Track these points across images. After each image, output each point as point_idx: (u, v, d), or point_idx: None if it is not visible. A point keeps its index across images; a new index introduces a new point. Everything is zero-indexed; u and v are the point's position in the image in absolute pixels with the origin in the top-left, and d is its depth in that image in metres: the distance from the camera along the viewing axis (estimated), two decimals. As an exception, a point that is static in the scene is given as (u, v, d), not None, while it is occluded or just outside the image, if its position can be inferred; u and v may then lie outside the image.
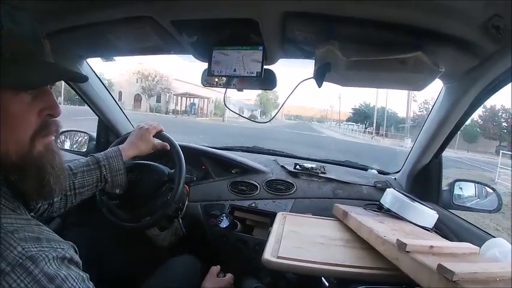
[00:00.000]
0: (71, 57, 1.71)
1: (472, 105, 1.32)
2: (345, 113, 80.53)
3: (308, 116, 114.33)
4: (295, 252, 1.07)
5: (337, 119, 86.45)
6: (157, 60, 34.48)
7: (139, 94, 43.73)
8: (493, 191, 1.67)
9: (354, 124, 64.67)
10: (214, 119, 45.45)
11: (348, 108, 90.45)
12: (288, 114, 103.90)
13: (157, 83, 43.58)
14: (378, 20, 1.02)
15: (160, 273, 1.39)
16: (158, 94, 44.29)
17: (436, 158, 1.64)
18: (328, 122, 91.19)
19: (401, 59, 1.06)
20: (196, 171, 1.97)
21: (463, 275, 0.74)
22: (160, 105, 44.52)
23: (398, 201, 1.41)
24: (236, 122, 39.82)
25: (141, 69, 42.43)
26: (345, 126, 67.29)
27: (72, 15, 1.25)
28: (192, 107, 43.31)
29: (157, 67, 45.18)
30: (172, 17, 1.18)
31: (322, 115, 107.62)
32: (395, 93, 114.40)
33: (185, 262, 1.51)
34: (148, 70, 42.55)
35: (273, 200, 1.81)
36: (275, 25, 1.14)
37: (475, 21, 0.93)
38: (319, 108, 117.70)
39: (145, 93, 43.48)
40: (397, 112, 62.75)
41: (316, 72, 1.20)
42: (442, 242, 1.17)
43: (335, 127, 74.33)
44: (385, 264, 1.00)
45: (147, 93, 43.35)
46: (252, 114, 58.72)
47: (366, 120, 61.59)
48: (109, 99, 2.04)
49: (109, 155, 1.32)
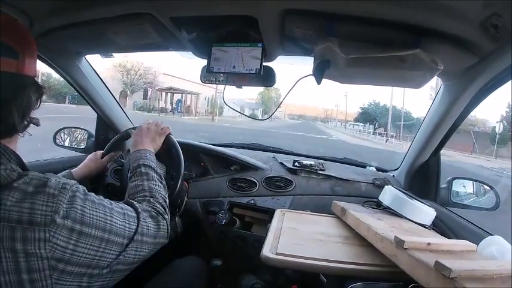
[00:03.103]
0: (70, 54, 1.70)
1: (471, 103, 1.33)
2: (351, 113, 76.14)
3: (311, 115, 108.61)
4: (293, 249, 1.08)
5: (342, 119, 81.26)
6: (146, 53, 33.44)
7: (125, 91, 38.19)
8: (491, 189, 1.68)
9: (359, 125, 58.23)
10: (204, 118, 39.43)
11: (354, 108, 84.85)
12: (291, 113, 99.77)
13: (140, 77, 38.05)
14: (377, 18, 1.02)
15: (165, 274, 1.38)
16: (144, 90, 38.90)
17: (435, 155, 1.65)
18: (333, 122, 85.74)
19: (400, 56, 1.06)
20: (195, 168, 1.97)
21: (460, 272, 0.74)
22: (147, 102, 38.82)
23: (397, 199, 1.42)
24: (229, 121, 35.34)
25: (123, 62, 36.27)
26: (351, 126, 61.78)
27: (71, 12, 1.25)
28: (178, 104, 37.08)
29: (144, 60, 39.02)
30: (171, 14, 1.18)
31: (327, 115, 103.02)
32: (412, 92, 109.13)
33: (190, 263, 1.51)
34: (132, 63, 36.64)
35: (272, 197, 1.82)
36: (274, 22, 1.14)
37: (473, 19, 0.93)
38: (323, 107, 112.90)
39: (127, 89, 38.10)
40: (410, 111, 55.21)
41: (316, 69, 1.20)
42: (439, 239, 1.17)
43: (340, 127, 68.48)
44: (383, 261, 1.01)
45: (129, 89, 38.02)
46: (253, 113, 56.56)
47: (375, 121, 54.64)
48: (108, 96, 2.04)
49: None
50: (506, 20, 0.89)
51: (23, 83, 0.76)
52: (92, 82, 1.89)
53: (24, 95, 0.76)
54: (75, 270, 0.70)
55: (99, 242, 0.74)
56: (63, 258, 0.67)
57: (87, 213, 0.73)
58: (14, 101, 0.74)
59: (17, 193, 0.65)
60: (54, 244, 0.66)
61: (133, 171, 1.13)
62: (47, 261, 0.65)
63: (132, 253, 0.82)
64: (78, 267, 0.70)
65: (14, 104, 0.74)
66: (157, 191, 1.06)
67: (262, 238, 1.24)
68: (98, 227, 0.74)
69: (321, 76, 1.21)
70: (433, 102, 1.51)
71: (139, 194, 1.03)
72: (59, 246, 0.66)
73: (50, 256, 0.65)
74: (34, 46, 0.82)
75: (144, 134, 1.33)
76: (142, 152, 1.21)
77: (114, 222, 0.78)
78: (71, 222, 0.69)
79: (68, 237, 0.68)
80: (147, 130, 1.36)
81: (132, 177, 1.11)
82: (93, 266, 0.73)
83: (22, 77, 0.76)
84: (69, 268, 0.69)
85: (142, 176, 1.09)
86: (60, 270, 0.67)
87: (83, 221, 0.71)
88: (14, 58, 0.73)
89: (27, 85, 0.78)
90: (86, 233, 0.71)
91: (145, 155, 1.20)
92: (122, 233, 0.80)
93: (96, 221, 0.74)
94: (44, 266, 0.65)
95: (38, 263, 0.64)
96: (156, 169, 1.17)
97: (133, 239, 0.82)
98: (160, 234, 0.92)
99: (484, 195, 1.70)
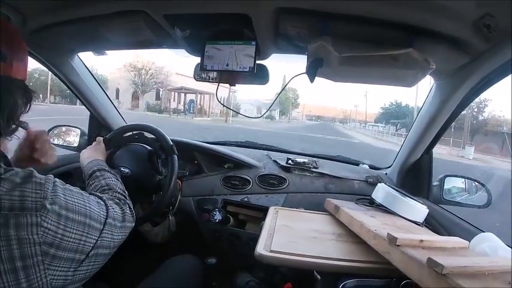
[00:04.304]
0: (62, 52, 1.69)
1: (463, 102, 1.34)
2: (370, 114, 75.57)
3: (330, 116, 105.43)
4: (287, 246, 1.08)
5: (361, 119, 79.83)
6: (158, 52, 32.20)
7: (137, 92, 38.28)
8: (483, 186, 1.69)
9: (378, 125, 56.10)
10: (217, 119, 37.60)
11: (373, 109, 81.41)
12: (309, 114, 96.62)
13: (151, 76, 37.72)
14: (370, 17, 1.03)
15: (159, 272, 1.39)
16: (156, 90, 37.52)
17: (427, 153, 1.66)
18: (352, 123, 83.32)
19: (393, 55, 1.07)
20: (189, 166, 1.96)
21: (452, 269, 0.75)
22: (159, 103, 37.80)
23: (389, 196, 1.43)
24: (244, 122, 32.87)
25: (133, 62, 36.24)
26: (370, 127, 60.10)
27: (64, 10, 1.23)
28: (191, 105, 35.64)
29: (155, 59, 38.46)
30: (165, 11, 1.17)
31: (345, 115, 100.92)
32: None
33: (185, 262, 1.51)
34: (143, 62, 36.33)
35: (266, 195, 1.82)
36: (268, 21, 1.14)
37: (466, 19, 0.94)
38: (341, 108, 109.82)
39: (138, 89, 38.07)
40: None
41: (309, 67, 1.21)
42: (432, 236, 1.18)
43: (360, 128, 65.82)
44: (376, 258, 1.02)
45: (140, 89, 37.92)
46: (270, 114, 54.62)
47: (397, 121, 50.53)
48: (101, 95, 2.02)
49: None
50: (499, 20, 0.90)
51: (8, 86, 0.76)
52: (85, 80, 1.87)
53: (10, 98, 0.76)
54: (64, 256, 0.72)
55: (83, 227, 0.76)
56: (53, 243, 0.69)
57: (69, 200, 0.75)
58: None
59: (7, 184, 0.67)
60: (45, 229, 0.68)
61: (89, 178, 1.16)
62: (39, 247, 0.67)
63: (108, 237, 0.85)
64: (67, 252, 0.72)
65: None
66: (114, 184, 1.09)
67: (256, 236, 1.25)
68: (80, 213, 0.76)
69: (314, 74, 1.21)
70: (425, 101, 1.52)
71: (99, 189, 1.06)
72: (50, 231, 0.69)
73: (41, 241, 0.67)
74: (25, 50, 0.82)
75: (90, 150, 1.36)
76: (94, 161, 1.24)
77: (92, 208, 0.81)
78: (58, 208, 0.71)
79: (57, 222, 0.70)
80: (90, 148, 1.39)
81: (89, 182, 1.14)
82: (79, 251, 0.75)
83: (9, 79, 0.75)
84: (60, 253, 0.71)
85: (99, 178, 1.12)
86: (51, 255, 0.69)
87: (68, 207, 0.74)
88: (1, 60, 0.73)
89: (13, 88, 0.77)
90: (71, 218, 0.74)
91: (97, 162, 1.23)
92: (98, 218, 0.82)
93: (77, 207, 0.77)
94: (37, 251, 0.67)
95: (30, 249, 0.66)
96: (110, 171, 1.20)
97: (106, 223, 0.85)
98: (126, 218, 0.95)
99: (476, 192, 1.72)
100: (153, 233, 1.75)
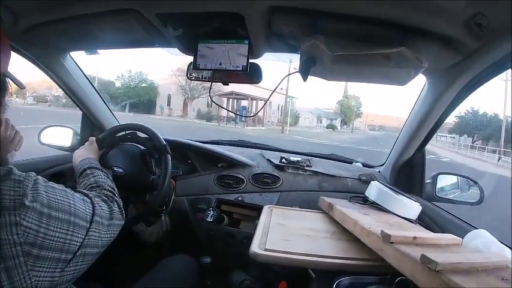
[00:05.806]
0: (54, 51, 1.67)
1: (455, 100, 1.35)
2: None
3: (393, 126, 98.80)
4: (282, 245, 1.09)
5: None
6: None
7: (186, 99, 34.90)
8: (475, 183, 1.70)
9: (447, 136, 45.83)
10: (273, 128, 32.96)
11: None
12: (371, 124, 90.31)
13: None
14: (363, 15, 1.03)
15: (154, 272, 1.37)
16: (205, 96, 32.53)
17: (419, 151, 1.67)
18: None
19: (385, 54, 1.07)
20: (182, 166, 1.96)
21: (446, 265, 0.76)
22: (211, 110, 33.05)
23: (383, 194, 1.44)
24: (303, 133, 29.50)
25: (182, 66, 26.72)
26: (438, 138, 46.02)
27: (55, 8, 1.22)
28: (243, 112, 28.50)
29: None
30: (157, 10, 1.17)
31: None
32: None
33: (180, 261, 1.50)
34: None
35: (260, 194, 1.82)
36: (260, 19, 1.14)
37: (458, 18, 0.95)
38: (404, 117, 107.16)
39: (186, 95, 34.59)
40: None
41: (301, 66, 1.21)
42: (425, 233, 1.19)
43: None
44: (370, 255, 1.02)
45: (188, 95, 34.37)
46: (331, 123, 52.96)
47: (475, 132, 42.44)
48: (93, 94, 2.00)
49: None
50: (490, 19, 0.91)
51: None
52: (77, 79, 1.85)
53: None
54: (49, 255, 0.70)
55: (67, 225, 0.75)
56: (36, 242, 0.67)
57: (52, 198, 0.74)
58: None
59: None
60: (26, 228, 0.66)
61: (79, 176, 1.16)
62: (20, 247, 0.65)
63: (96, 235, 0.84)
64: (51, 252, 0.71)
65: None
66: (103, 181, 1.09)
67: (250, 235, 1.24)
68: (63, 211, 0.75)
69: (306, 73, 1.21)
70: (417, 99, 1.53)
71: (87, 187, 1.06)
72: (31, 230, 0.67)
73: (22, 241, 0.65)
74: (5, 42, 0.81)
75: (83, 149, 1.36)
76: (86, 159, 1.24)
77: (77, 206, 0.80)
78: (39, 206, 0.70)
79: (38, 221, 0.69)
80: (83, 148, 1.38)
81: (79, 180, 1.13)
82: (65, 250, 0.74)
83: None
84: (43, 253, 0.69)
85: (89, 176, 1.12)
86: (34, 255, 0.67)
87: (50, 205, 0.72)
88: None
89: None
90: (54, 216, 0.72)
91: (89, 160, 1.23)
92: (84, 216, 0.81)
93: (61, 204, 0.75)
94: (18, 252, 0.65)
95: (11, 250, 0.64)
96: (101, 169, 1.20)
97: (93, 221, 0.84)
98: (114, 216, 0.95)
99: (469, 190, 1.73)
100: (147, 233, 1.75)
